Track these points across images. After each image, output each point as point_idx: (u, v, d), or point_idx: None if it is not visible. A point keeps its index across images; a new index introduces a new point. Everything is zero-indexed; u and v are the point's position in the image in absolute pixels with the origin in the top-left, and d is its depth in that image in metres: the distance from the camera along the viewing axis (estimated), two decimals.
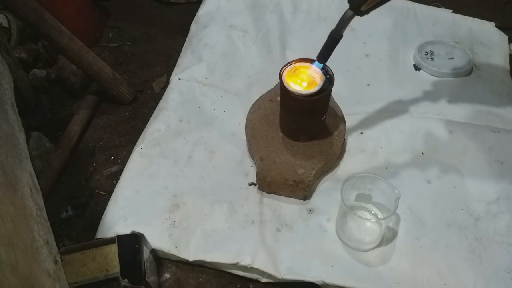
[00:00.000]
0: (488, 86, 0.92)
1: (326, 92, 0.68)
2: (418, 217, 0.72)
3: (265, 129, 0.77)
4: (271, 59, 0.95)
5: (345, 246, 0.69)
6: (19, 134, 0.60)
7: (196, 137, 0.82)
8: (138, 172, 0.77)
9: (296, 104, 0.70)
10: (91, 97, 0.93)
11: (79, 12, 1.02)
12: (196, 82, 0.91)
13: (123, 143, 0.87)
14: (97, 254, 0.61)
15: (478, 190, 0.74)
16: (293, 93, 0.67)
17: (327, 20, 1.03)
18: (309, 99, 0.68)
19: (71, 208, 0.76)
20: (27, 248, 0.47)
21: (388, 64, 0.96)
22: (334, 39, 0.65)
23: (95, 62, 0.87)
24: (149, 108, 0.93)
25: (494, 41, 1.01)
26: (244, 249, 0.67)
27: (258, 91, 0.85)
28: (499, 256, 0.67)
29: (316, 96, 0.68)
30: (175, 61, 0.98)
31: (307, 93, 0.67)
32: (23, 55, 0.94)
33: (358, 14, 0.62)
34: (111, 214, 0.72)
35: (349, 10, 0.62)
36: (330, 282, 0.64)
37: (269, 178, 0.72)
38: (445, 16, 1.06)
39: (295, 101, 0.69)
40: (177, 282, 0.68)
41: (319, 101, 0.69)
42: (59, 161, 0.81)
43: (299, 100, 0.68)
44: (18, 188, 0.52)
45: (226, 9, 1.05)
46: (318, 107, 0.71)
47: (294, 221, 0.72)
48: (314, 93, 0.67)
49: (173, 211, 0.72)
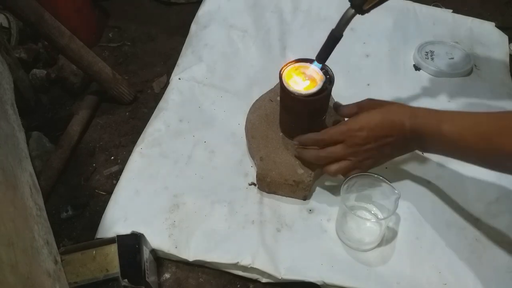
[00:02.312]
0: (488, 86, 0.91)
1: (326, 92, 0.68)
2: (418, 217, 0.72)
3: (265, 129, 0.77)
4: (271, 59, 0.95)
5: (345, 246, 0.69)
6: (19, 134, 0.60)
7: (196, 137, 0.82)
8: (138, 172, 0.77)
9: (296, 104, 0.70)
10: (91, 97, 0.93)
11: (79, 12, 1.01)
12: (196, 82, 0.91)
13: (123, 143, 0.87)
14: (97, 254, 0.61)
15: (478, 190, 0.74)
16: (293, 93, 0.67)
17: (327, 20, 1.03)
18: (308, 99, 0.68)
19: (71, 208, 0.76)
20: (27, 248, 0.47)
21: (388, 64, 0.96)
22: (335, 38, 0.64)
23: (95, 62, 0.87)
24: (149, 108, 0.93)
25: (494, 41, 1.01)
26: (244, 249, 0.67)
27: (258, 91, 0.85)
28: (499, 256, 0.67)
29: (316, 96, 0.67)
30: (175, 61, 0.98)
31: (307, 93, 0.67)
32: (23, 55, 0.94)
33: (359, 13, 0.62)
34: (111, 214, 0.72)
35: (350, 9, 0.62)
36: (330, 282, 0.64)
37: (269, 178, 0.72)
38: (445, 16, 1.06)
39: (295, 101, 0.69)
40: (177, 282, 0.68)
41: (319, 101, 0.69)
42: (59, 161, 0.81)
43: (299, 100, 0.68)
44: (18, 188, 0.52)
45: (226, 9, 1.05)
46: (318, 107, 0.71)
47: (294, 221, 0.72)
48: (314, 93, 0.67)
49: (173, 211, 0.72)
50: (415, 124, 0.63)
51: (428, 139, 0.63)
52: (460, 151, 0.62)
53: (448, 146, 0.62)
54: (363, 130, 0.65)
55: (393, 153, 0.70)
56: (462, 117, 0.61)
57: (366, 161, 0.68)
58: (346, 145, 0.66)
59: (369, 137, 0.65)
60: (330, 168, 0.69)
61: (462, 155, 0.63)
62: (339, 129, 0.67)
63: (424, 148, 0.68)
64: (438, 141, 0.62)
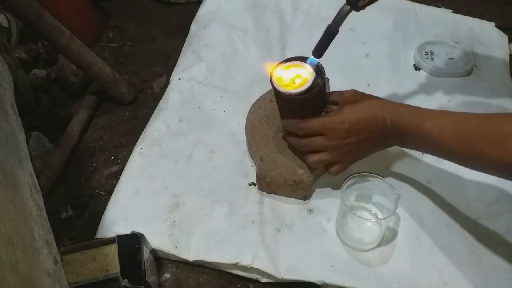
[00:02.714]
0: (488, 86, 0.91)
1: (317, 88, 0.66)
2: (418, 217, 0.72)
3: (265, 129, 0.77)
4: (271, 59, 0.95)
5: (345, 246, 0.69)
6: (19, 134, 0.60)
7: (196, 137, 0.82)
8: (138, 172, 0.77)
9: (288, 104, 0.69)
10: (91, 97, 0.93)
11: (79, 12, 1.01)
12: (196, 82, 0.91)
13: (123, 143, 0.87)
14: (97, 254, 0.61)
15: (478, 190, 0.74)
16: (284, 94, 0.66)
17: (327, 20, 1.02)
18: (299, 98, 0.66)
19: (71, 208, 0.76)
20: (27, 248, 0.47)
21: (388, 64, 0.95)
22: (330, 33, 0.65)
23: (95, 62, 0.87)
24: (149, 108, 0.93)
25: (494, 41, 1.01)
26: (244, 249, 0.67)
27: (258, 91, 0.85)
28: (499, 256, 0.67)
29: (307, 94, 0.66)
30: (175, 61, 0.98)
31: (297, 92, 0.66)
32: (23, 55, 0.94)
33: (354, 9, 0.62)
34: (111, 214, 0.72)
35: (346, 5, 0.62)
36: (330, 282, 0.64)
37: (269, 178, 0.72)
38: (445, 16, 1.06)
39: (286, 101, 0.68)
40: (177, 282, 0.68)
41: (311, 98, 0.67)
42: (59, 161, 0.81)
43: (290, 99, 0.67)
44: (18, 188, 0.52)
45: (226, 9, 1.05)
46: (311, 105, 0.69)
47: (294, 221, 0.72)
48: (305, 90, 0.66)
49: (173, 211, 0.72)
50: (397, 120, 0.63)
51: (408, 135, 0.63)
52: (439, 150, 0.62)
53: (428, 144, 0.62)
54: (344, 124, 0.65)
55: (373, 148, 0.70)
56: (444, 117, 0.61)
57: (345, 155, 0.69)
58: (327, 138, 0.67)
59: (350, 131, 0.65)
60: (309, 158, 0.69)
61: (442, 154, 0.63)
62: (320, 121, 0.67)
63: (404, 144, 0.68)
64: (418, 138, 0.62)
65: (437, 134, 0.59)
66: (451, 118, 0.60)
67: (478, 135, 0.56)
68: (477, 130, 0.56)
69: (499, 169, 0.55)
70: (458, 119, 0.60)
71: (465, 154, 0.58)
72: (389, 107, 0.65)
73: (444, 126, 0.59)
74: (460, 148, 0.58)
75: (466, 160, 0.60)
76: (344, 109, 0.66)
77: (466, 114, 0.59)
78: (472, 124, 0.58)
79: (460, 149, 0.58)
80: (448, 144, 0.59)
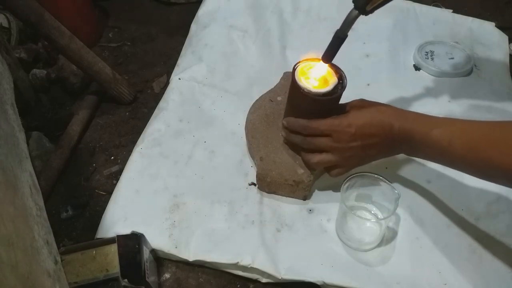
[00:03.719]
0: (488, 86, 0.92)
1: (336, 96, 0.67)
2: (418, 217, 0.72)
3: (265, 129, 0.77)
4: (271, 59, 0.95)
5: (345, 246, 0.69)
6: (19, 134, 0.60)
7: (196, 137, 0.82)
8: (138, 172, 0.77)
9: (304, 102, 0.68)
10: (91, 97, 0.93)
11: (79, 12, 1.01)
12: (196, 82, 0.91)
13: (123, 143, 0.87)
14: (97, 254, 0.61)
15: (478, 190, 0.74)
16: (303, 89, 0.66)
17: (327, 20, 1.03)
18: (319, 98, 0.66)
19: (71, 208, 0.76)
20: (27, 248, 0.47)
21: (388, 64, 0.96)
22: (340, 39, 0.65)
23: (95, 62, 0.87)
24: (149, 108, 0.93)
25: (494, 41, 1.01)
26: (244, 249, 0.67)
27: (258, 91, 0.85)
28: (499, 256, 0.67)
29: (326, 97, 0.66)
30: (175, 61, 0.98)
31: (317, 92, 0.66)
32: (23, 55, 0.94)
33: (363, 13, 0.62)
34: (111, 214, 0.72)
35: (354, 10, 0.62)
36: (330, 282, 0.64)
37: (269, 178, 0.72)
38: (445, 16, 1.06)
39: (303, 98, 0.67)
40: (177, 282, 0.68)
41: (327, 103, 0.67)
42: (59, 161, 0.81)
43: (308, 97, 0.66)
44: (18, 188, 0.52)
45: (226, 9, 1.05)
46: (325, 109, 0.69)
47: (294, 221, 0.72)
48: (324, 93, 0.66)
49: (173, 211, 0.72)
50: (404, 127, 0.63)
51: (416, 143, 0.62)
52: (447, 158, 0.61)
53: (436, 151, 0.61)
54: (351, 127, 0.65)
55: (377, 154, 0.69)
56: (453, 124, 0.61)
57: (349, 159, 0.68)
58: (333, 139, 0.66)
59: (356, 135, 0.65)
60: (313, 158, 0.69)
61: (450, 162, 0.62)
62: (328, 122, 0.67)
63: (411, 152, 0.67)
64: (426, 145, 0.62)
65: (446, 142, 0.59)
66: (459, 126, 0.60)
67: (487, 142, 0.55)
68: (486, 137, 0.56)
69: (508, 177, 0.55)
70: (467, 127, 0.59)
71: (474, 162, 0.57)
72: (397, 114, 0.65)
73: (452, 134, 0.59)
74: (468, 155, 0.57)
75: (474, 168, 0.59)
76: (352, 113, 0.66)
77: (475, 122, 0.59)
78: (481, 132, 0.57)
79: (468, 156, 0.57)
80: (457, 151, 0.58)
